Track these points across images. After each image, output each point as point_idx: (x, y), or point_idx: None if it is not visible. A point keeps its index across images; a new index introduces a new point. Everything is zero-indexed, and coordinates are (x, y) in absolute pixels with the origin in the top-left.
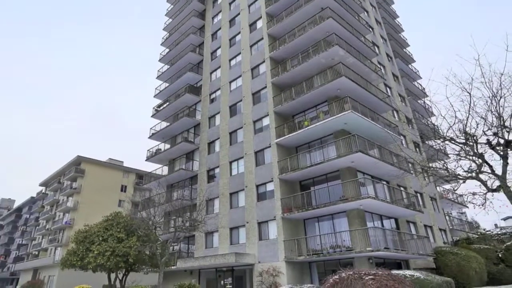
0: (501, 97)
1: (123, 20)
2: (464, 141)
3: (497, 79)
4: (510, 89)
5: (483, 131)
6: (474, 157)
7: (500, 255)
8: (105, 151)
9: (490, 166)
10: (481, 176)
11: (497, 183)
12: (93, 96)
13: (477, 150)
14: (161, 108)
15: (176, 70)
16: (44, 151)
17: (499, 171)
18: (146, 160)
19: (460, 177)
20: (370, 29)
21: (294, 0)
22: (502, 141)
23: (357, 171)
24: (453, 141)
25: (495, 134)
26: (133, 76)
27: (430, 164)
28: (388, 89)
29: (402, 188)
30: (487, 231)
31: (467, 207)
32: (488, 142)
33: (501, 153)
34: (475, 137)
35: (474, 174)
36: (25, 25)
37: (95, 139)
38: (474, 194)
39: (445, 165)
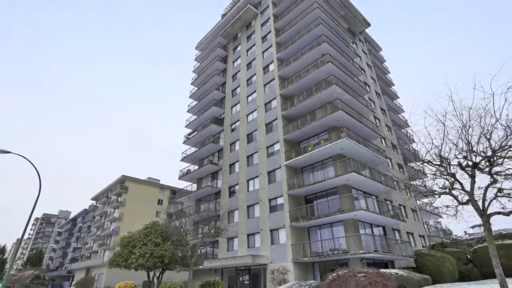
0: (469, 127)
1: (160, 66)
2: (439, 163)
3: (466, 112)
4: (477, 121)
5: (455, 155)
6: (447, 176)
7: (469, 257)
8: (141, 168)
9: (461, 184)
10: (453, 192)
11: (466, 197)
12: (130, 122)
13: (450, 170)
14: (191, 136)
15: (203, 105)
16: (89, 168)
17: (468, 187)
18: (178, 179)
19: (436, 192)
20: (362, 71)
21: (300, 47)
22: (470, 163)
23: (352, 187)
24: (430, 163)
25: (464, 157)
26: (166, 108)
27: (412, 182)
28: (377, 120)
29: (388, 202)
30: (458, 237)
31: (442, 217)
32: (459, 164)
33: (470, 173)
34: (448, 160)
35: (447, 190)
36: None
37: (133, 159)
38: (447, 206)
39: (423, 183)
